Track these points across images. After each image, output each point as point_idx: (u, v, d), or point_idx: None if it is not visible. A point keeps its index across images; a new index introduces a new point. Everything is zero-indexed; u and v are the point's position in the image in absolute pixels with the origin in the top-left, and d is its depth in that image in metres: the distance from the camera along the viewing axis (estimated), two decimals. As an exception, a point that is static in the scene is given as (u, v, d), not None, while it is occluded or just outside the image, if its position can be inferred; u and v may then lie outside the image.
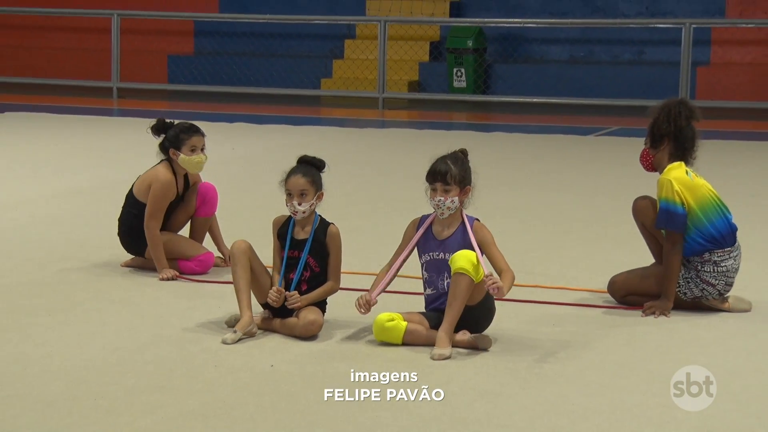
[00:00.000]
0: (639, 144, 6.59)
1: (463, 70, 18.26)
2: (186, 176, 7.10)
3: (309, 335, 5.68)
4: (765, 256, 7.59)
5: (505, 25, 18.77)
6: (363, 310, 5.62)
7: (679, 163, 6.33)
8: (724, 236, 6.29)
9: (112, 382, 5.00)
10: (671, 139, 6.35)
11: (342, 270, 5.89)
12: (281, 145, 12.81)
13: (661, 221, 6.27)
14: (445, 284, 5.61)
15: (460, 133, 14.39)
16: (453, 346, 5.49)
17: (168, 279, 6.79)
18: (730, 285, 6.34)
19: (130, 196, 7.10)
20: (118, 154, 11.43)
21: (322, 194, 5.87)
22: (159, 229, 6.93)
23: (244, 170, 6.85)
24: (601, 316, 6.26)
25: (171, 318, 6.01)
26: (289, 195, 5.80)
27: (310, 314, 5.71)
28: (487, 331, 5.65)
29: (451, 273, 5.49)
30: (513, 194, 9.69)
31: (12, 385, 4.94)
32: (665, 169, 6.33)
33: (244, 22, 19.66)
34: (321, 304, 5.86)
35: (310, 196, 5.79)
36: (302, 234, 5.86)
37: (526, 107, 17.68)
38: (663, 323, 6.10)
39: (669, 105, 6.41)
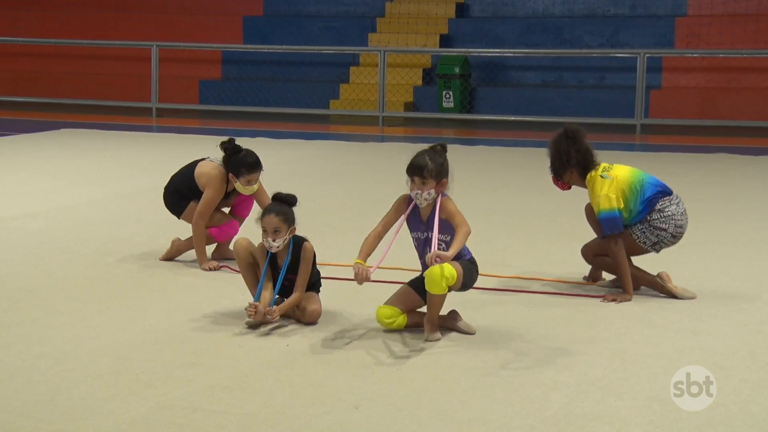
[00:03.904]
0: (601, 156, 6.51)
1: (451, 93, 18.24)
2: None
3: (313, 321, 5.64)
4: (707, 250, 7.58)
5: (487, 54, 18.75)
6: (359, 282, 5.37)
7: (589, 176, 6.31)
8: (655, 194, 6.28)
9: (151, 359, 4.99)
10: (572, 166, 6.35)
11: (347, 263, 5.84)
12: (296, 156, 12.81)
13: (606, 229, 6.25)
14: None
15: (448, 146, 14.29)
16: (443, 327, 5.47)
17: (211, 269, 6.75)
18: (680, 227, 6.28)
19: (190, 173, 6.99)
20: (156, 164, 11.42)
21: (294, 228, 5.68)
22: (205, 226, 6.90)
23: (264, 178, 6.85)
24: (569, 302, 6.22)
25: (202, 305, 6.00)
26: (264, 231, 5.63)
27: (312, 304, 5.67)
28: (474, 316, 5.63)
29: (426, 288, 5.34)
30: (494, 198, 9.69)
31: (66, 361, 4.94)
32: (589, 188, 6.31)
33: (265, 51, 19.64)
34: (315, 288, 5.81)
35: (283, 233, 5.62)
36: (282, 260, 5.73)
37: (505, 124, 17.66)
38: (621, 308, 6.06)
39: (558, 144, 6.38)
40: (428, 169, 5.42)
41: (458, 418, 4.32)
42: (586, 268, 6.94)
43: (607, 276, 6.62)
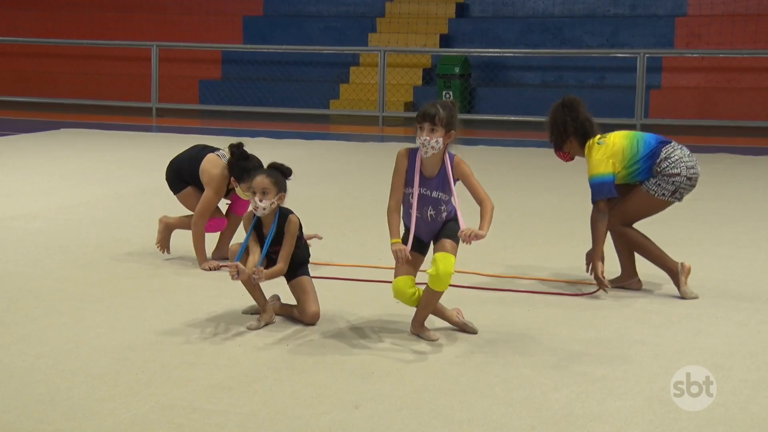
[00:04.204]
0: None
1: (451, 93, 18.23)
2: None
3: (312, 323, 5.63)
4: (707, 250, 7.57)
5: (487, 54, 18.76)
6: (400, 262, 5.28)
7: (587, 144, 6.34)
8: (656, 146, 6.31)
9: (151, 359, 4.98)
10: (570, 135, 6.38)
11: (347, 263, 5.84)
12: (296, 156, 12.78)
13: (596, 194, 6.27)
14: (429, 215, 5.36)
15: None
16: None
17: (211, 269, 6.76)
18: (692, 168, 6.28)
19: (196, 162, 6.99)
20: (156, 164, 11.38)
21: (284, 196, 5.61)
22: (204, 227, 6.90)
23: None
24: (569, 302, 6.22)
25: (202, 305, 5.99)
26: (253, 192, 5.59)
27: (312, 305, 5.65)
28: (474, 316, 5.63)
29: (429, 286, 5.33)
30: (494, 198, 9.65)
31: (66, 360, 4.93)
32: (586, 155, 6.35)
33: (265, 51, 19.64)
34: (304, 265, 5.74)
35: (271, 195, 5.55)
36: (268, 229, 5.65)
37: (505, 124, 17.67)
38: (621, 308, 6.06)
39: (555, 114, 6.41)
40: (439, 117, 5.30)
41: (458, 418, 4.31)
42: (584, 268, 6.95)
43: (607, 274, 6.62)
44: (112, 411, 4.32)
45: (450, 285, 5.37)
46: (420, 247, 5.47)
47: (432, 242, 5.48)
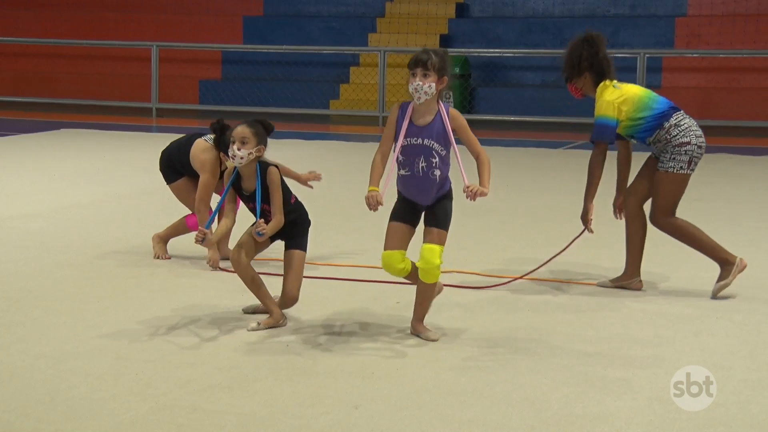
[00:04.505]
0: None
1: (451, 93, 18.24)
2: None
3: (288, 306, 5.61)
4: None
5: (487, 54, 18.77)
6: (373, 209, 5.26)
7: (602, 84, 6.33)
8: (667, 109, 6.31)
9: (151, 359, 4.98)
10: (586, 70, 6.37)
11: (344, 263, 5.81)
12: (296, 156, 12.78)
13: (595, 134, 6.29)
14: (420, 167, 5.30)
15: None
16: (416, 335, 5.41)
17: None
18: (700, 136, 6.29)
19: (186, 151, 7.03)
20: (156, 165, 11.39)
21: (263, 149, 5.57)
22: (208, 209, 6.90)
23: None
24: (569, 303, 6.22)
25: (202, 305, 5.99)
26: (232, 141, 5.53)
27: (292, 288, 5.58)
28: (474, 316, 5.62)
29: (420, 279, 5.34)
30: (493, 198, 9.65)
31: (66, 361, 4.93)
32: (597, 94, 6.32)
33: (265, 51, 19.66)
34: (304, 228, 5.69)
35: (250, 145, 5.51)
36: (250, 185, 5.59)
37: (505, 125, 17.67)
38: (621, 309, 6.05)
39: (574, 46, 6.41)
40: (431, 62, 5.27)
41: (458, 418, 4.31)
42: (585, 268, 6.95)
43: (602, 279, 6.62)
44: (113, 411, 4.32)
45: (450, 285, 5.37)
46: (412, 217, 5.39)
47: (423, 218, 5.40)
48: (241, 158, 5.51)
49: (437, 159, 5.31)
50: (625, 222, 6.46)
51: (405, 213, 5.40)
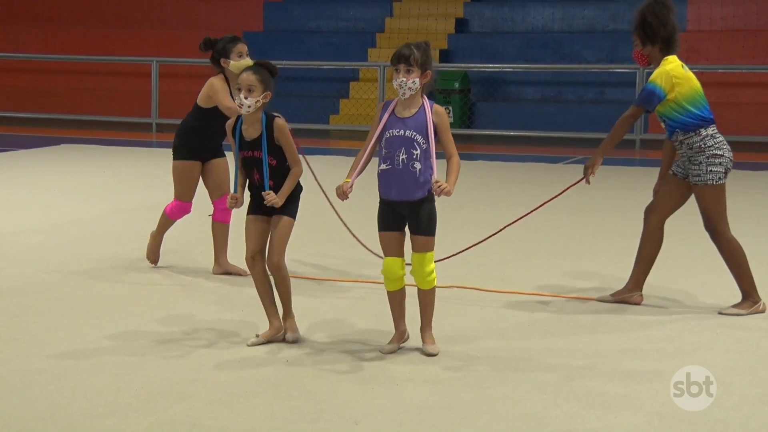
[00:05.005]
0: (601, 170, 6.51)
1: (450, 108, 18.26)
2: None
3: (271, 272, 5.54)
4: (707, 265, 7.54)
5: (487, 69, 18.80)
6: (342, 198, 5.34)
7: (673, 57, 6.32)
8: (709, 117, 6.38)
9: (151, 375, 4.98)
10: (658, 41, 6.33)
11: (343, 278, 5.81)
12: (296, 171, 12.80)
13: (641, 99, 6.28)
14: (400, 160, 5.27)
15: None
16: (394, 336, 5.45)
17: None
18: (730, 150, 6.32)
19: (195, 106, 7.12)
20: (157, 179, 11.41)
21: (269, 95, 5.56)
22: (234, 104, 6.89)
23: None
24: (569, 318, 6.21)
25: (202, 320, 5.99)
26: (238, 89, 5.50)
27: (274, 255, 5.47)
28: (473, 331, 5.61)
29: (419, 288, 5.39)
30: (493, 213, 9.67)
31: (66, 377, 4.92)
32: (662, 61, 6.31)
33: (265, 67, 19.68)
34: (292, 210, 5.60)
35: (257, 93, 5.49)
36: (252, 132, 5.56)
37: (505, 139, 17.68)
38: (620, 324, 6.04)
39: (647, 13, 6.32)
40: (414, 57, 5.29)
41: (458, 433, 4.30)
42: (583, 283, 6.95)
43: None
44: (112, 427, 4.31)
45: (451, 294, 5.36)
46: (398, 223, 5.37)
47: (408, 226, 5.38)
48: (249, 106, 5.49)
49: (418, 151, 5.30)
50: (642, 236, 6.43)
51: (390, 221, 5.39)
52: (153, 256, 7.30)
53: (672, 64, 6.27)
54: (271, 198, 5.42)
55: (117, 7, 21.94)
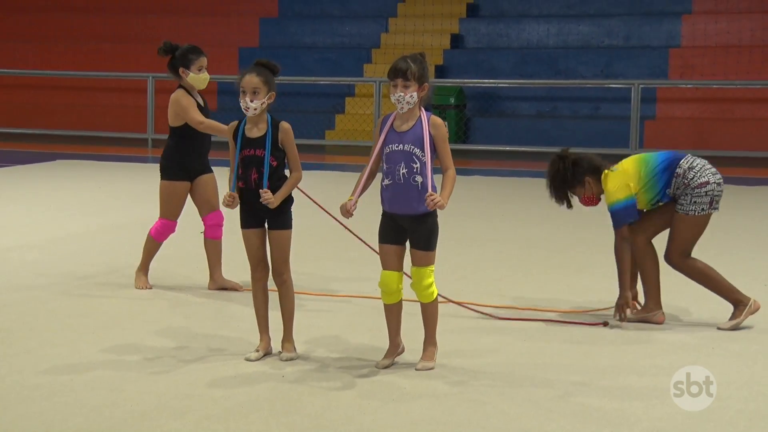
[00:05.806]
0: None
1: (446, 123, 18.27)
2: (201, 95, 7.17)
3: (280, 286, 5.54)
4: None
5: (482, 85, 18.83)
6: (347, 216, 5.38)
7: (603, 175, 6.34)
8: (670, 157, 6.34)
9: (146, 391, 4.96)
10: (586, 174, 6.37)
11: (340, 293, 5.82)
12: (292, 187, 12.80)
13: (619, 221, 6.25)
14: (401, 174, 5.29)
15: (443, 176, 14.35)
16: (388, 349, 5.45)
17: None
18: (717, 174, 6.33)
19: (170, 128, 7.14)
20: (153, 195, 11.37)
21: (274, 95, 5.54)
22: (204, 118, 6.94)
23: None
24: (565, 333, 6.20)
25: (197, 336, 5.98)
26: (243, 92, 5.49)
27: (282, 271, 5.50)
28: (470, 347, 5.60)
29: (421, 302, 5.40)
30: (489, 228, 9.68)
31: (62, 393, 4.91)
32: (603, 183, 6.35)
33: (261, 82, 19.69)
34: (287, 221, 5.58)
35: (262, 95, 5.48)
36: (256, 132, 5.55)
37: (500, 155, 17.71)
38: (616, 339, 6.04)
39: (557, 171, 6.41)
40: (411, 71, 5.29)
41: (455, 449, 4.29)
42: (580, 298, 6.94)
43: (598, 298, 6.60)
44: (108, 443, 4.29)
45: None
46: (399, 237, 5.39)
47: (409, 240, 5.39)
48: (255, 109, 5.49)
49: (418, 164, 5.31)
50: (637, 261, 6.42)
51: (391, 234, 5.40)
52: (142, 284, 7.16)
53: (608, 178, 6.31)
54: (268, 197, 5.40)
55: (113, 23, 21.96)
